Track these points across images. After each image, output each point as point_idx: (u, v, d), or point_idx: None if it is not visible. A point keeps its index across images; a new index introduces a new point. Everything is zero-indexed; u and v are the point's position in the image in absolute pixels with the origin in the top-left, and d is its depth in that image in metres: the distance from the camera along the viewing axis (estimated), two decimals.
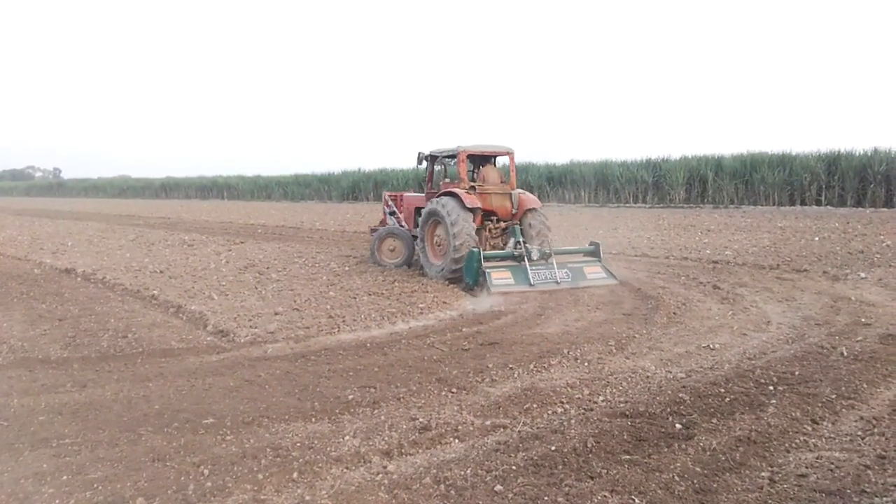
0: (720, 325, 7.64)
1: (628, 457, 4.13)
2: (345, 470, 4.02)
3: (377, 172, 47.95)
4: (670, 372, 5.91)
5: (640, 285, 10.19)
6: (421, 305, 8.72)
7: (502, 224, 11.57)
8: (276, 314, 8.22)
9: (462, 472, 3.92)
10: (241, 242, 18.09)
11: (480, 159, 11.93)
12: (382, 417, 4.90)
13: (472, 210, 10.68)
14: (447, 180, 12.15)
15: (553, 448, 4.24)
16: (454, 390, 5.48)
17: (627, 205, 32.59)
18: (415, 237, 12.39)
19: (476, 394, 5.40)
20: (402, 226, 13.22)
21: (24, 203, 58.99)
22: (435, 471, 3.96)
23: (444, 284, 10.31)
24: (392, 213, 13.87)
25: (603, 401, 5.17)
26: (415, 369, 6.09)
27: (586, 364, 6.18)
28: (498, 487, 3.74)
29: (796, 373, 5.77)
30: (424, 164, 12.59)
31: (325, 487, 3.80)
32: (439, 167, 12.69)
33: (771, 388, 5.40)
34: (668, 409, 4.94)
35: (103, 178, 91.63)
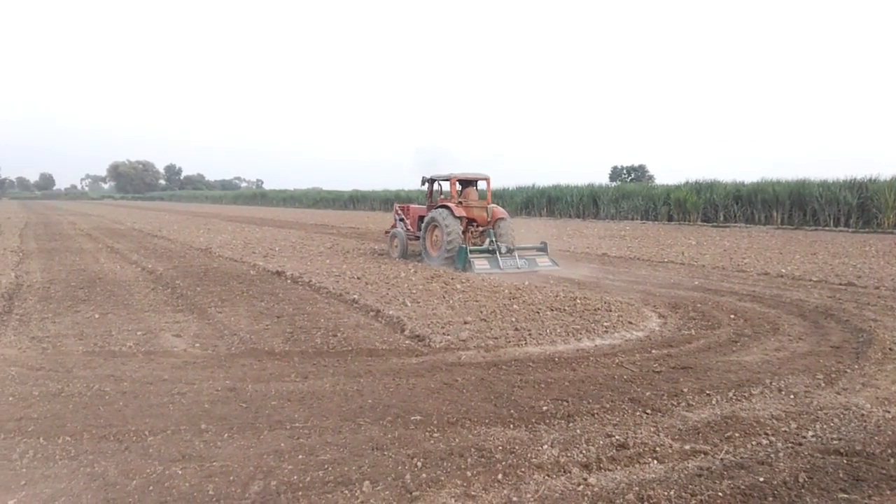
0: None
1: (846, 496, 3.92)
2: (546, 477, 4.20)
3: (551, 188, 47.79)
4: (888, 412, 5.44)
5: (849, 317, 9.37)
6: (605, 324, 8.70)
7: (480, 229, 16.08)
8: (466, 323, 8.63)
9: (665, 493, 3.94)
10: None
11: (466, 182, 16.33)
12: (578, 431, 5.02)
13: (459, 218, 15.21)
14: (442, 196, 16.93)
15: (761, 479, 4.12)
16: (648, 411, 5.46)
17: (827, 228, 29.80)
18: (417, 237, 17.05)
19: (672, 417, 5.35)
20: (408, 229, 17.73)
21: (231, 210, 66.06)
22: (637, 488, 4.01)
23: (629, 304, 10.20)
24: (401, 220, 18.31)
25: (813, 436, 4.89)
26: (605, 387, 6.13)
27: (792, 397, 5.85)
28: None
29: None
30: (426, 185, 17.05)
31: (529, 491, 4.00)
32: (437, 187, 17.24)
33: None
34: (889, 451, 4.59)
35: (299, 189, 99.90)
